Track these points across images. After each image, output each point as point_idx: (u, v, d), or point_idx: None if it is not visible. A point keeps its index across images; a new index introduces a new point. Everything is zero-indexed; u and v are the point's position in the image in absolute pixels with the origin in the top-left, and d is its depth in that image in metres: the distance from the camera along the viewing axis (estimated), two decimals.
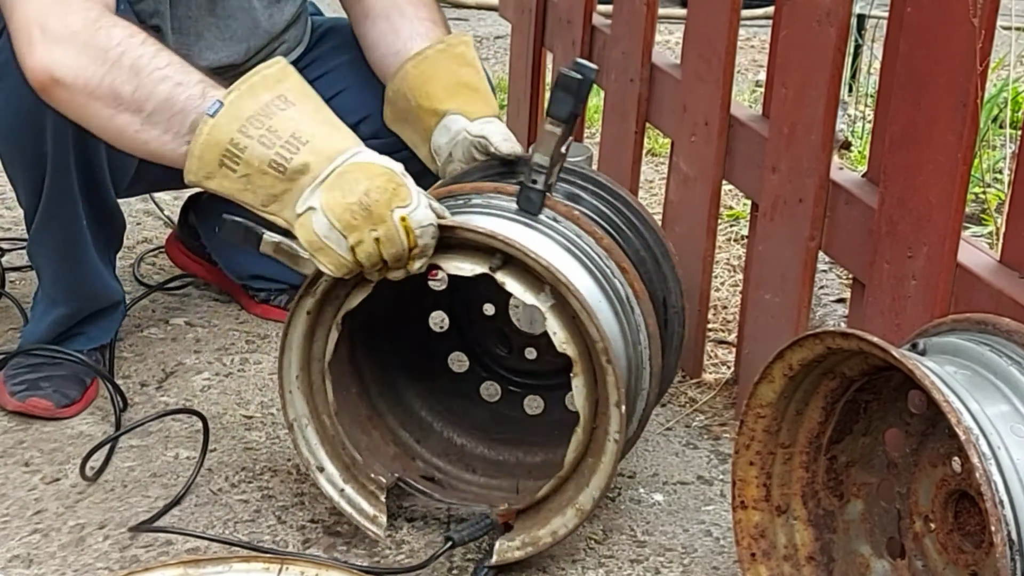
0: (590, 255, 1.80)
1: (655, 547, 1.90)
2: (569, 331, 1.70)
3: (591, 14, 2.71)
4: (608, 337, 1.69)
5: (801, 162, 2.00)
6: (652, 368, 1.83)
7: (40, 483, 1.96)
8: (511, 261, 1.71)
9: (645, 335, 1.82)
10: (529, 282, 1.71)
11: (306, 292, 1.77)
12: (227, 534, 1.86)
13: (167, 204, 2.98)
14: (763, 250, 2.13)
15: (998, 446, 1.39)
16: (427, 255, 1.69)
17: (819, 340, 1.55)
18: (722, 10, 2.20)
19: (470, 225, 1.72)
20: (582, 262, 1.79)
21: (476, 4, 5.21)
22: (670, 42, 4.60)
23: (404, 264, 1.69)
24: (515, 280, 1.71)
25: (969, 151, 1.66)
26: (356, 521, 1.84)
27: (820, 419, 1.66)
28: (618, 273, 1.81)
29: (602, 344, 1.67)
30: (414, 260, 1.69)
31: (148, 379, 2.26)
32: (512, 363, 2.10)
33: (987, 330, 1.54)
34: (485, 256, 1.72)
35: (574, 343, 1.70)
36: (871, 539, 1.67)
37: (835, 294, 2.48)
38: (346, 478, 1.86)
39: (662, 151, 3.44)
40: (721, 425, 2.22)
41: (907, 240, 1.76)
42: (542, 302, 1.70)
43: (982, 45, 1.60)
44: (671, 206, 2.43)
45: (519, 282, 1.71)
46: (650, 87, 2.48)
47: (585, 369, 1.71)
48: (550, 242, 1.79)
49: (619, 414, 1.69)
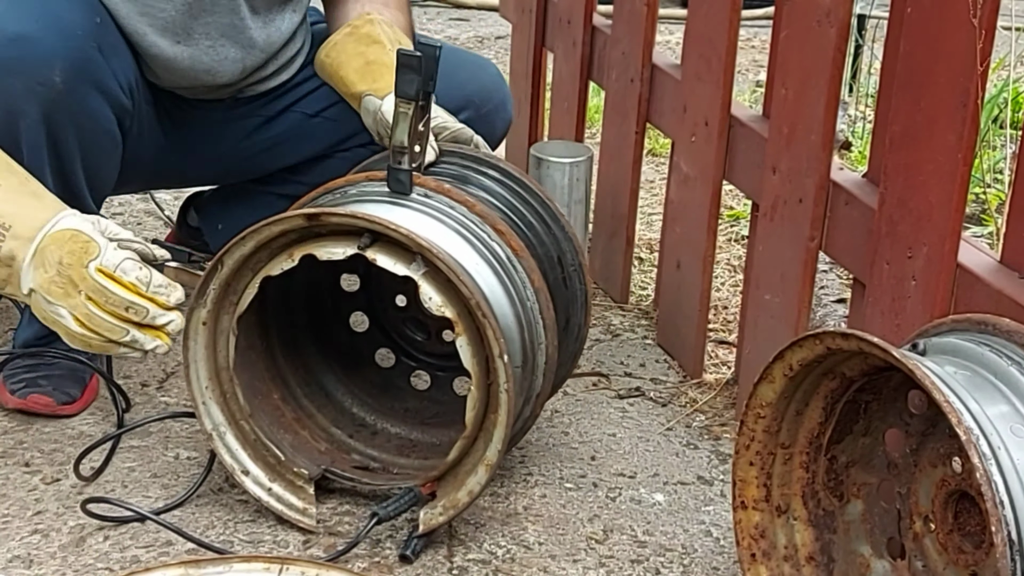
0: (463, 223, 1.86)
1: (655, 547, 1.90)
2: (446, 295, 1.75)
3: (591, 14, 2.71)
4: (482, 293, 1.75)
5: (801, 162, 2.00)
6: (545, 321, 1.88)
7: (40, 483, 1.96)
8: (380, 238, 1.77)
9: (532, 290, 1.87)
10: (399, 254, 1.76)
11: (196, 304, 1.84)
12: (227, 534, 1.86)
13: (167, 204, 2.98)
14: (763, 250, 2.13)
15: (998, 446, 1.39)
16: (167, 291, 1.78)
17: (819, 340, 1.55)
18: (722, 10, 2.20)
19: (333, 210, 1.77)
20: (455, 230, 1.85)
21: (477, 4, 5.21)
22: (670, 42, 4.60)
23: (152, 311, 1.76)
24: (385, 255, 1.76)
25: (969, 151, 1.66)
26: (287, 516, 1.88)
27: (820, 419, 1.66)
28: (494, 236, 1.87)
29: (474, 300, 1.72)
30: (159, 298, 1.77)
31: (148, 379, 2.26)
32: (434, 348, 2.15)
33: (987, 330, 1.54)
34: (355, 238, 1.77)
35: (452, 305, 1.75)
36: (871, 539, 1.67)
37: (835, 294, 2.48)
38: (272, 477, 1.90)
39: (663, 151, 3.44)
40: (721, 425, 2.22)
41: (907, 240, 1.76)
42: (414, 271, 1.75)
43: (982, 45, 1.60)
44: (672, 206, 2.43)
45: (389, 256, 1.76)
46: (650, 87, 2.48)
47: (467, 328, 1.76)
48: (421, 216, 1.84)
49: (503, 365, 1.72)
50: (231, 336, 1.85)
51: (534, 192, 2.01)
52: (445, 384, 2.12)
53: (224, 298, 1.85)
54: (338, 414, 2.06)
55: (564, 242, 2.01)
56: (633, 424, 2.22)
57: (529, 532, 1.91)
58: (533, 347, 1.87)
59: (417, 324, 2.16)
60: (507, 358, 1.72)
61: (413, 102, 1.80)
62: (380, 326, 2.17)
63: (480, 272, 1.82)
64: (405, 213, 1.84)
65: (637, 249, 2.78)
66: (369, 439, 2.04)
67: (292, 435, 1.97)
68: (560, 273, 2.00)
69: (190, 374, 1.88)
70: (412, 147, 1.84)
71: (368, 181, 1.91)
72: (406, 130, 1.81)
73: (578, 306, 2.04)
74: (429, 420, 2.08)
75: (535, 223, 1.99)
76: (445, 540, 1.87)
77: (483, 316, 1.72)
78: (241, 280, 1.84)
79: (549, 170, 2.48)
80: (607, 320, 2.58)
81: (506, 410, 1.75)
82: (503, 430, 1.76)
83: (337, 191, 1.93)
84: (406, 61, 1.78)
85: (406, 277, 1.76)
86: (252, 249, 1.81)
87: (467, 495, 1.81)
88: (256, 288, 1.82)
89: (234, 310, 1.84)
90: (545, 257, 1.98)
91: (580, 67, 2.74)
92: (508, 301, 1.84)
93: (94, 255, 1.75)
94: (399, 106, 1.80)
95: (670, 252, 2.44)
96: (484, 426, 1.81)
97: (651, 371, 2.40)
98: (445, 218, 1.86)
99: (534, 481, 2.04)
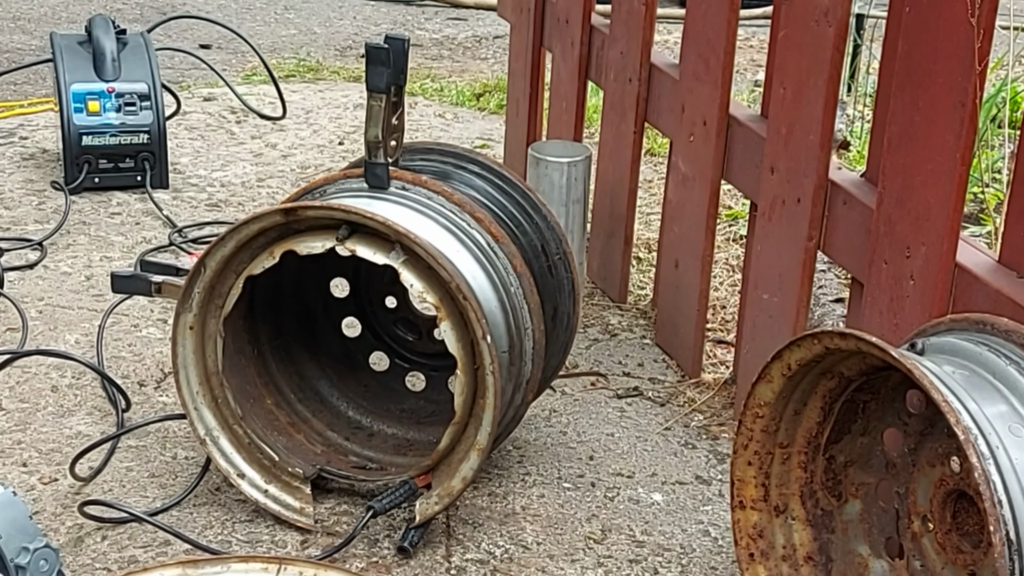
0: (442, 212, 1.87)
1: (653, 547, 1.89)
2: (427, 281, 1.76)
3: (589, 14, 2.71)
4: (462, 276, 1.76)
5: (800, 162, 2.00)
6: (530, 305, 1.88)
7: (38, 483, 1.96)
8: (359, 229, 1.77)
9: (514, 275, 1.88)
10: (379, 244, 1.77)
11: (182, 309, 1.85)
12: (225, 534, 1.86)
13: (167, 204, 2.98)
14: (762, 250, 2.13)
15: (996, 446, 1.39)
16: None
17: (817, 340, 1.54)
18: (720, 10, 2.20)
19: (310, 203, 1.78)
20: (434, 219, 1.86)
21: (475, 4, 5.21)
22: (669, 42, 4.60)
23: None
24: (364, 245, 1.77)
25: (968, 151, 1.66)
26: (284, 516, 1.89)
27: (818, 419, 1.66)
28: (474, 223, 1.88)
29: (454, 283, 1.72)
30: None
31: (146, 379, 2.26)
32: (426, 348, 2.15)
33: (985, 330, 1.54)
34: (333, 231, 1.78)
35: (433, 290, 1.76)
36: (869, 539, 1.67)
37: (833, 294, 2.48)
38: (268, 478, 1.91)
39: (661, 151, 3.44)
40: (719, 425, 2.22)
41: (905, 240, 1.76)
42: (393, 260, 1.76)
43: (981, 45, 1.60)
44: (670, 206, 2.43)
45: (368, 246, 1.77)
46: (649, 87, 2.48)
47: (450, 312, 1.76)
48: (399, 207, 1.85)
49: (487, 347, 1.73)
50: (218, 339, 1.86)
51: (514, 183, 2.02)
52: (440, 384, 2.13)
53: (209, 301, 1.85)
54: (333, 418, 2.06)
55: (547, 231, 2.02)
56: (631, 424, 2.22)
57: (527, 532, 1.91)
58: (519, 332, 1.87)
59: (408, 324, 2.16)
60: (490, 339, 1.73)
61: (384, 95, 1.80)
62: (372, 329, 2.17)
63: (460, 258, 1.83)
64: (383, 205, 1.85)
65: (635, 249, 2.78)
66: (365, 440, 2.04)
67: (286, 438, 1.97)
68: (545, 262, 2.01)
69: (180, 379, 1.88)
70: (387, 141, 1.84)
71: (346, 179, 1.92)
72: (379, 123, 1.82)
73: (565, 295, 2.04)
74: (425, 419, 2.08)
75: (516, 213, 2.00)
76: (443, 540, 1.87)
77: (464, 299, 1.73)
78: (225, 282, 1.84)
79: (547, 170, 2.48)
80: (605, 320, 2.58)
81: (493, 392, 1.75)
82: (492, 412, 1.76)
83: (316, 190, 1.94)
84: (374, 55, 1.78)
85: (394, 276, 1.77)
86: (233, 249, 1.81)
87: (460, 481, 1.81)
88: (240, 289, 1.82)
89: (220, 313, 1.85)
90: (529, 246, 1.99)
91: (578, 67, 2.73)
92: (491, 286, 1.85)
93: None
94: (371, 99, 1.81)
95: (668, 252, 2.44)
96: (473, 412, 1.81)
97: (649, 371, 2.40)
98: (424, 208, 1.86)
99: (532, 481, 2.04)
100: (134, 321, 2.46)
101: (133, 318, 2.47)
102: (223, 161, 3.29)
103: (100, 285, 2.57)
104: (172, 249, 2.75)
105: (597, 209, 2.69)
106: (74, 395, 2.20)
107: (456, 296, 1.74)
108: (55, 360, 2.28)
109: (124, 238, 2.82)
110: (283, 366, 2.04)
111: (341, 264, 2.03)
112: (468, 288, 1.75)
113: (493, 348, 1.74)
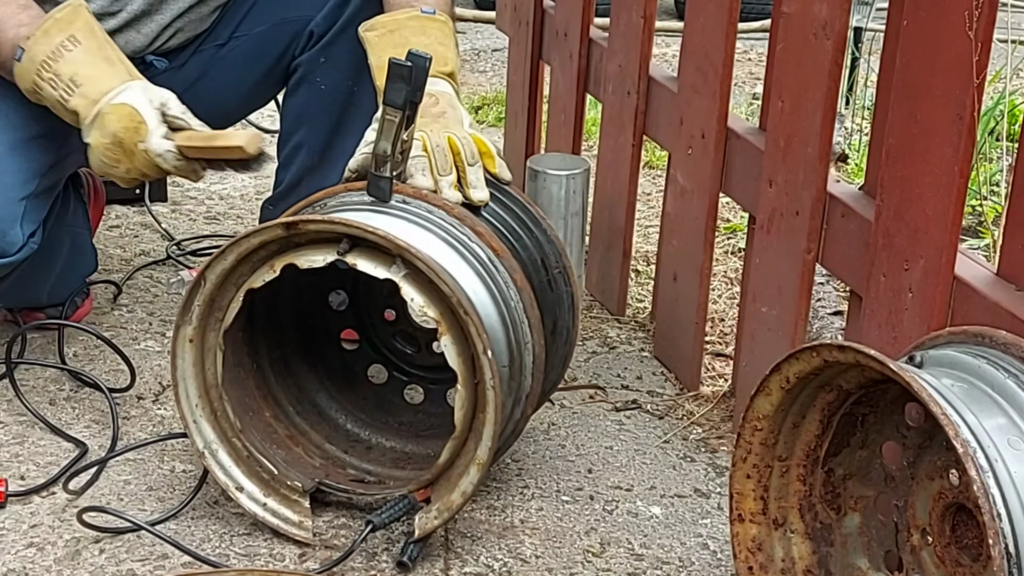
0: (443, 226, 1.87)
1: (652, 560, 1.89)
2: (427, 295, 1.75)
3: (588, 27, 2.71)
4: (463, 291, 1.76)
5: (798, 175, 2.00)
6: (530, 320, 1.88)
7: (36, 496, 1.96)
8: (359, 243, 1.77)
9: (515, 290, 1.87)
10: (379, 258, 1.77)
11: (181, 322, 1.85)
12: (223, 547, 1.86)
13: (165, 217, 2.98)
14: (760, 263, 2.13)
15: (995, 459, 1.39)
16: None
17: (816, 353, 1.54)
18: (719, 23, 2.20)
19: (310, 217, 1.78)
20: (435, 233, 1.86)
21: (473, 17, 5.23)
22: (667, 55, 4.61)
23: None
24: (365, 259, 1.77)
25: (966, 164, 1.66)
26: (283, 530, 1.88)
27: (817, 432, 1.66)
28: (474, 237, 1.87)
29: (455, 297, 1.72)
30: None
31: (144, 392, 2.26)
32: (424, 361, 2.15)
33: (984, 343, 1.54)
34: (334, 245, 1.78)
35: (434, 304, 1.76)
36: (868, 552, 1.67)
37: (832, 307, 2.48)
38: (266, 492, 1.91)
39: (659, 164, 3.44)
40: (718, 438, 2.22)
41: (904, 253, 1.76)
42: (394, 273, 1.76)
43: (979, 58, 1.60)
44: (668, 219, 2.43)
45: (369, 260, 1.77)
46: (647, 100, 2.49)
47: (450, 327, 1.76)
48: (400, 221, 1.85)
49: (487, 361, 1.73)
50: (218, 352, 1.86)
51: (514, 197, 2.02)
52: (439, 397, 2.12)
53: (209, 315, 1.85)
54: (332, 431, 2.06)
55: (547, 245, 2.02)
56: (630, 437, 2.22)
57: (526, 545, 1.91)
58: (519, 346, 1.87)
59: (407, 337, 2.16)
60: (491, 354, 1.73)
61: (400, 111, 1.80)
62: (371, 342, 2.17)
63: (461, 273, 1.83)
64: (384, 219, 1.85)
65: (634, 262, 2.78)
66: (364, 454, 2.04)
67: (285, 451, 1.97)
68: (545, 276, 2.01)
69: (179, 392, 1.88)
70: (395, 155, 1.84)
71: (347, 192, 1.92)
72: (391, 138, 1.82)
73: (565, 309, 2.04)
74: (424, 432, 2.08)
75: (517, 227, 2.00)
76: (442, 553, 1.87)
77: (465, 313, 1.73)
78: (225, 295, 1.84)
79: (546, 182, 2.48)
80: (604, 333, 2.58)
81: (494, 407, 1.75)
82: (492, 427, 1.76)
83: (317, 204, 1.94)
84: (397, 71, 1.79)
85: (393, 289, 1.77)
86: (233, 263, 1.81)
87: (460, 496, 1.80)
88: (240, 302, 1.82)
89: (220, 326, 1.85)
90: (528, 260, 1.98)
91: (577, 80, 2.74)
92: (491, 300, 1.85)
93: (143, 138, 2.00)
94: (386, 113, 1.81)
95: (667, 265, 2.44)
96: (474, 426, 1.81)
97: (648, 384, 2.40)
98: (424, 222, 1.86)
99: (531, 494, 2.04)
100: (132, 334, 2.46)
101: (132, 331, 2.47)
102: (222, 174, 3.29)
103: (98, 297, 2.57)
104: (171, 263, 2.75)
105: (596, 222, 2.69)
106: (72, 408, 2.20)
107: (457, 311, 1.74)
108: (53, 373, 2.28)
109: (122, 251, 2.82)
110: (282, 379, 2.04)
111: (340, 277, 2.03)
112: (469, 303, 1.75)
113: (494, 363, 1.73)
